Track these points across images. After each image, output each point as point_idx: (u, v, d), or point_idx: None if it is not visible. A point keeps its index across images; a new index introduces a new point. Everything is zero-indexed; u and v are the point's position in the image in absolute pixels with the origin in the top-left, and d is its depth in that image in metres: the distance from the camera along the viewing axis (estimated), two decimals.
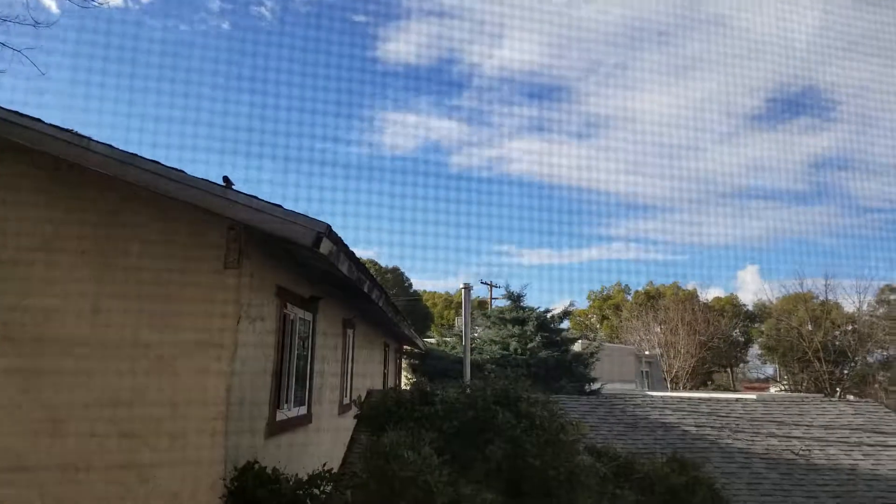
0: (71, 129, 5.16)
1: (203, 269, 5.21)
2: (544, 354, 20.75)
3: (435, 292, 66.28)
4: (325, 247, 4.93)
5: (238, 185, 5.11)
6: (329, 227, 4.89)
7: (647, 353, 39.42)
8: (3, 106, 5.04)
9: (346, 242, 5.54)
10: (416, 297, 55.58)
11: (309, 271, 6.90)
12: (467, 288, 13.63)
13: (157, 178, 4.94)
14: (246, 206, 4.90)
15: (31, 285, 5.11)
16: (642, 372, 37.37)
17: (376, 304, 8.18)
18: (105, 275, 5.16)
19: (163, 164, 4.98)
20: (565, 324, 25.31)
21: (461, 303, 14.71)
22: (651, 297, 52.18)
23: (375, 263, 52.23)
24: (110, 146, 5.00)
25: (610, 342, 41.30)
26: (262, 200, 4.92)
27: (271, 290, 6.19)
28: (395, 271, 54.03)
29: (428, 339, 25.60)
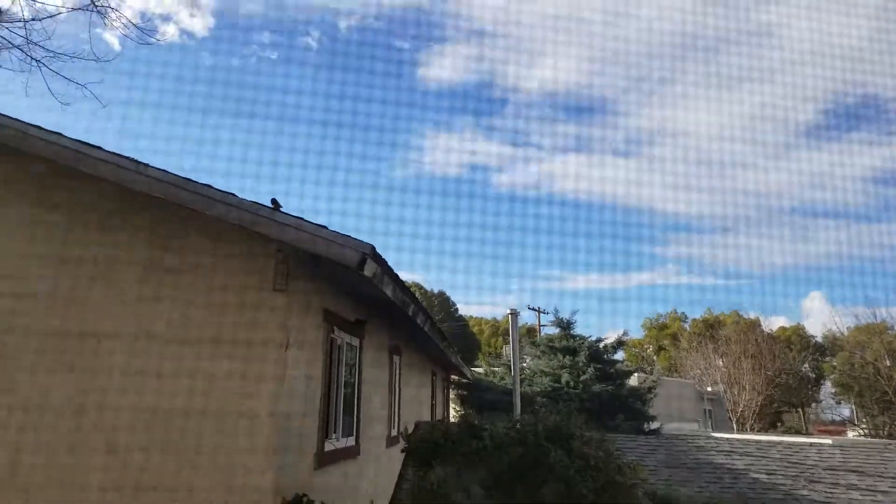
0: (129, 156, 5.23)
1: (251, 292, 5.18)
2: (598, 388, 20.10)
3: (482, 318, 65.77)
4: (370, 268, 4.83)
5: (287, 209, 5.07)
6: (373, 248, 4.79)
7: (709, 388, 37.71)
8: (67, 136, 5.16)
9: (390, 265, 5.42)
10: (463, 323, 55.22)
11: (355, 294, 6.81)
12: (514, 314, 13.36)
13: (207, 202, 4.95)
14: (292, 228, 4.86)
15: (88, 310, 5.16)
16: (705, 410, 35.74)
17: (421, 328, 8.02)
18: (157, 299, 5.18)
19: (214, 188, 5.00)
20: (619, 354, 24.57)
21: (508, 329, 14.40)
22: (710, 326, 50.13)
23: (421, 288, 52.26)
24: (164, 171, 5.05)
25: (668, 376, 39.82)
26: (308, 222, 4.87)
27: (319, 313, 6.12)
28: (441, 296, 53.94)
29: (476, 369, 25.22)
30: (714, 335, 44.28)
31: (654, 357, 56.94)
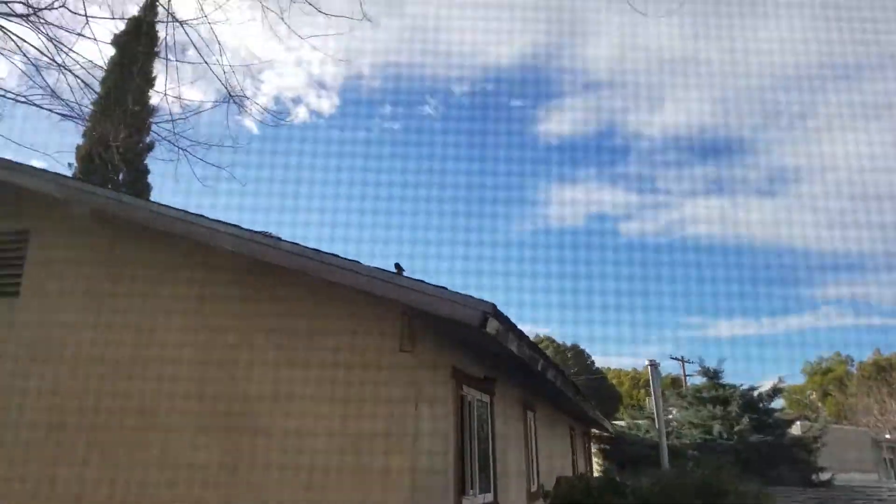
0: (265, 231, 5.75)
1: (380, 354, 5.39)
2: (755, 439, 18.51)
3: (620, 370, 63.04)
4: (492, 326, 4.87)
5: (413, 272, 5.29)
6: (494, 306, 4.85)
7: (887, 435, 33.48)
8: (208, 216, 5.76)
9: (512, 321, 5.44)
10: (600, 376, 53.13)
11: (482, 352, 6.87)
12: (654, 365, 12.76)
13: (335, 270, 5.27)
14: (415, 291, 5.03)
15: (233, 375, 5.62)
16: (885, 459, 31.73)
17: (554, 384, 7.88)
18: (293, 363, 5.54)
19: (340, 257, 5.32)
20: (777, 402, 22.55)
21: (649, 380, 13.74)
22: (882, 369, 44.87)
23: (553, 341, 51.11)
24: (295, 243, 5.47)
25: (837, 423, 35.85)
26: (429, 284, 5.03)
27: (447, 371, 6.23)
28: (575, 349, 52.40)
29: (617, 422, 24.11)
30: (888, 378, 39.51)
31: (819, 404, 51.54)
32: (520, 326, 5.79)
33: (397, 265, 5.31)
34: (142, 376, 5.83)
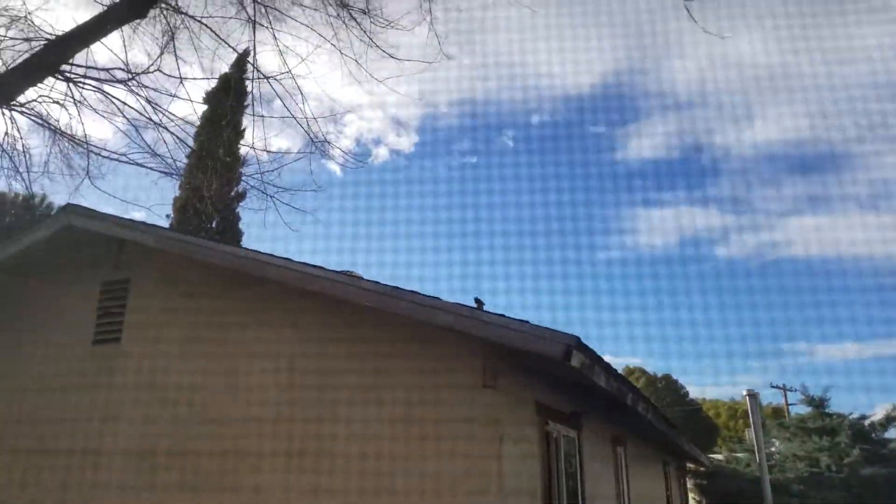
0: (348, 270, 5.88)
1: (463, 390, 5.35)
2: (868, 472, 17.11)
3: (717, 400, 59.94)
4: (577, 359, 4.76)
5: (495, 307, 5.27)
6: (578, 338, 4.74)
7: None
8: (293, 259, 5.96)
9: (598, 354, 5.29)
10: (696, 407, 50.71)
11: (568, 386, 6.71)
12: (752, 395, 12.07)
13: (415, 307, 5.31)
14: (496, 326, 4.99)
15: (319, 415, 5.73)
16: None
17: (644, 417, 7.58)
18: (378, 402, 5.58)
19: (420, 294, 5.36)
20: (892, 432, 20.82)
21: (748, 411, 13.00)
22: None
23: (644, 372, 49.37)
24: (376, 282, 5.56)
25: None
26: (511, 318, 4.98)
27: (531, 407, 6.11)
28: (667, 379, 50.33)
29: (715, 456, 22.88)
30: None
31: None
32: (607, 358, 5.65)
33: (477, 300, 5.32)
34: (231, 416, 6.04)
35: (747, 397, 13.57)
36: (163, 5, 7.60)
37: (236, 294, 6.56)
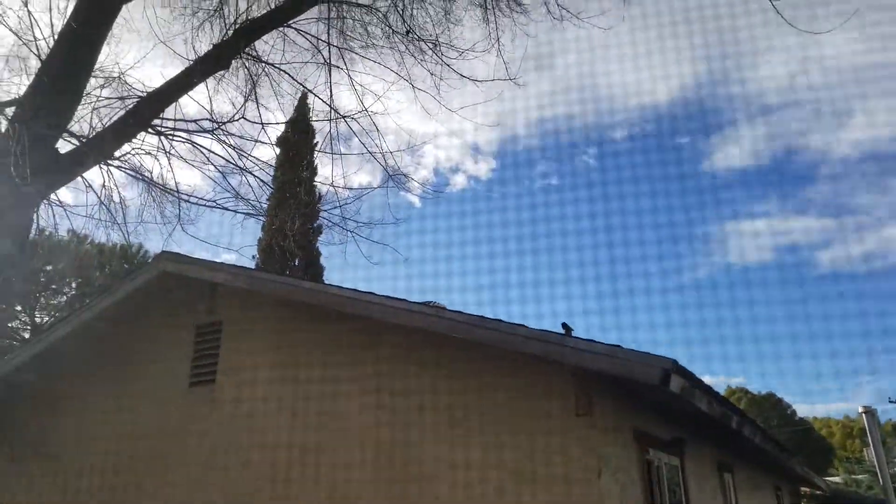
0: (429, 301, 5.85)
1: (554, 419, 5.17)
2: None
3: (829, 418, 55.96)
4: (675, 384, 4.49)
5: (587, 331, 5.08)
6: (675, 361, 4.47)
7: None
8: (376, 293, 5.99)
9: (698, 376, 4.99)
10: (806, 426, 47.45)
11: (667, 411, 6.37)
12: (869, 412, 11.13)
13: (500, 336, 5.19)
14: (586, 352, 4.80)
15: (410, 446, 5.67)
16: None
17: (751, 441, 7.09)
18: (463, 433, 5.47)
19: (505, 322, 5.24)
20: None
21: (866, 429, 11.99)
22: None
23: (746, 392, 46.76)
24: (459, 312, 5.49)
25: None
26: (601, 343, 4.78)
27: (629, 434, 5.83)
28: (771, 398, 47.41)
29: (831, 478, 21.23)
30: None
31: None
32: (707, 379, 5.31)
33: (565, 325, 5.14)
34: (323, 450, 6.08)
35: (863, 415, 12.54)
36: (244, 56, 7.97)
37: (323, 329, 6.65)
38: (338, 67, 8.52)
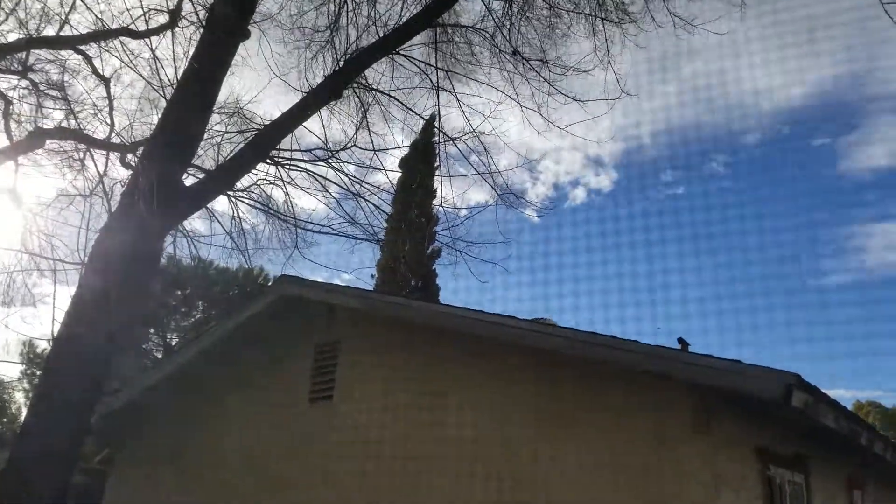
0: (540, 318, 5.98)
1: (671, 436, 5.13)
2: None
3: None
4: (798, 399, 4.38)
5: (708, 347, 5.06)
6: (798, 377, 4.37)
7: None
8: (486, 311, 6.19)
9: (823, 391, 4.83)
10: None
11: (791, 427, 6.16)
12: None
13: (613, 352, 5.23)
14: (703, 367, 4.77)
15: (521, 463, 5.79)
16: None
17: (883, 457, 6.70)
18: (576, 450, 5.53)
19: (617, 338, 5.28)
20: None
21: None
22: None
23: (877, 405, 43.19)
24: (572, 329, 5.59)
25: None
26: (720, 358, 4.73)
27: (749, 451, 5.69)
28: None
29: None
30: None
31: None
32: (833, 393, 5.12)
33: (681, 340, 5.14)
34: (437, 467, 6.28)
35: None
36: (355, 85, 8.37)
37: (436, 348, 6.89)
38: (445, 90, 8.80)
